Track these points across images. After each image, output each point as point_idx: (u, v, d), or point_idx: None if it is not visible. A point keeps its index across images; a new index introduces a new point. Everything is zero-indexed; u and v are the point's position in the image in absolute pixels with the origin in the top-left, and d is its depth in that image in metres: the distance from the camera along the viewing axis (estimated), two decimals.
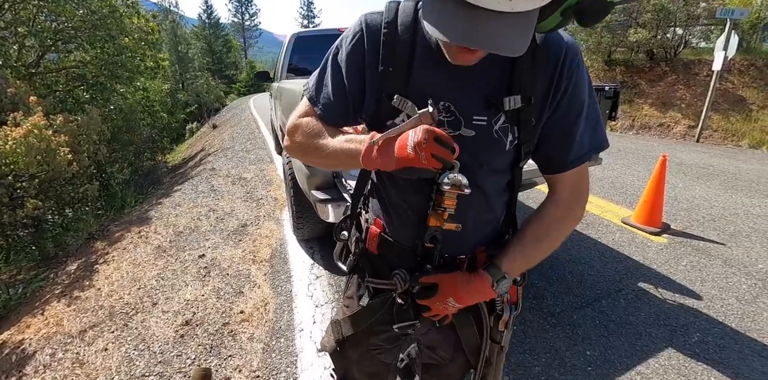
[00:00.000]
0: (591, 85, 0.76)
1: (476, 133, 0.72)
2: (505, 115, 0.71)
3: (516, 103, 0.69)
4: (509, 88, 0.70)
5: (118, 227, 4.77)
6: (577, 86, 0.72)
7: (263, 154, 7.02)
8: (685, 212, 3.60)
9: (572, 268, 2.69)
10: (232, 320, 2.48)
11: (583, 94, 0.73)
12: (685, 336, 2.01)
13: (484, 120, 0.71)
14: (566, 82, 0.71)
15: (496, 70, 0.70)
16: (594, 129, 0.76)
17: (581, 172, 0.78)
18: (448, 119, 0.72)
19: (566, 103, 0.72)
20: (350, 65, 0.78)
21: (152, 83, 14.28)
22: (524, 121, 0.72)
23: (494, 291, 0.76)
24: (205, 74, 26.19)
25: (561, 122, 0.74)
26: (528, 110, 0.71)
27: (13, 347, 2.57)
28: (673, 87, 9.12)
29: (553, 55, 0.70)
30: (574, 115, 0.73)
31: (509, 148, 0.74)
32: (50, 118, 4.84)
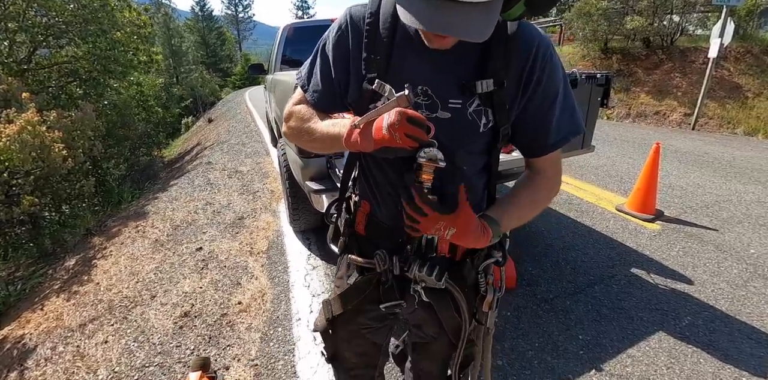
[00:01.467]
0: (565, 74, 0.80)
1: (452, 115, 0.76)
2: (479, 98, 0.75)
3: (488, 86, 0.73)
4: (482, 72, 0.74)
5: (115, 222, 4.78)
6: (551, 77, 0.76)
7: (259, 147, 7.01)
8: (679, 199, 3.62)
9: (566, 255, 2.72)
10: (230, 311, 2.51)
11: (558, 84, 0.78)
12: (676, 320, 2.04)
13: (459, 103, 0.75)
14: (539, 73, 0.75)
15: (471, 56, 0.75)
16: (571, 116, 0.82)
17: (556, 155, 0.86)
18: (425, 102, 0.76)
19: (541, 92, 0.77)
20: (336, 55, 0.83)
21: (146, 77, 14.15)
22: (498, 104, 0.76)
23: (490, 231, 0.79)
24: (199, 68, 25.97)
25: (538, 111, 0.79)
26: (500, 94, 0.75)
27: (14, 342, 2.60)
28: (670, 75, 9.09)
29: (525, 46, 0.74)
30: (548, 104, 0.78)
31: (484, 130, 0.78)
32: (44, 115, 4.81)
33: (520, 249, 2.82)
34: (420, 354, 1.11)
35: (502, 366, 1.78)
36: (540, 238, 2.98)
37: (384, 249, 0.87)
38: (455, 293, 0.87)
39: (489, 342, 0.98)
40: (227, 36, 40.11)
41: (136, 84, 12.15)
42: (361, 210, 0.94)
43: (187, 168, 7.17)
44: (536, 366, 1.78)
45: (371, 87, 0.77)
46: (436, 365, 1.08)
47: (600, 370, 1.73)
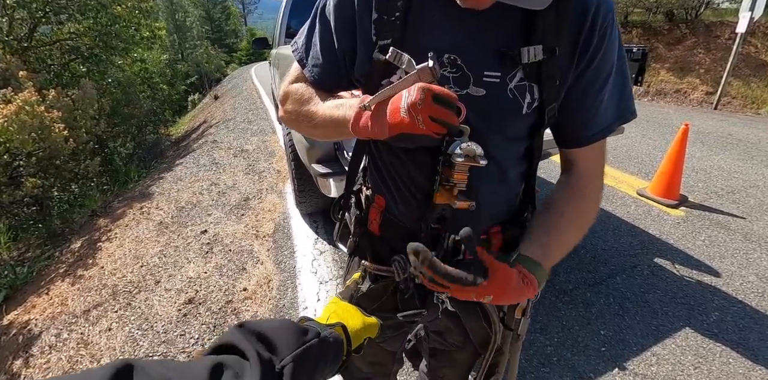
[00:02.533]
0: (622, 46, 0.63)
1: (487, 92, 0.60)
2: (523, 71, 0.59)
3: (537, 54, 0.57)
4: (528, 37, 0.57)
5: (120, 204, 4.73)
6: (611, 46, 0.61)
7: (265, 125, 6.86)
8: (704, 184, 3.44)
9: (585, 242, 2.59)
10: (235, 298, 2.45)
11: (614, 56, 0.62)
12: (703, 316, 1.93)
13: (497, 76, 0.59)
14: (597, 39, 0.59)
15: (514, 16, 0.57)
16: (621, 97, 0.66)
17: (603, 145, 0.69)
18: (453, 75, 0.60)
19: (596, 64, 0.61)
20: (339, 18, 0.66)
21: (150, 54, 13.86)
22: (547, 77, 0.59)
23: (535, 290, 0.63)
24: (204, 43, 25.45)
25: (587, 87, 0.62)
26: (552, 64, 0.58)
27: (19, 327, 2.58)
28: (693, 51, 8.64)
29: (581, 4, 0.58)
30: (602, 80, 0.62)
31: (528, 111, 0.62)
32: (43, 94, 4.68)
33: None
34: (440, 362, 1.00)
35: (520, 363, 1.69)
36: None
37: (403, 254, 0.69)
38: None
39: (517, 350, 0.87)
40: (232, 10, 39.11)
41: (140, 60, 11.89)
42: (374, 206, 0.80)
43: (192, 146, 7.07)
44: (555, 363, 1.69)
45: (384, 57, 0.61)
46: (457, 373, 0.97)
47: (623, 369, 1.64)
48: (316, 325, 0.57)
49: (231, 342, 0.44)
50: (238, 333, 0.45)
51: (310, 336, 0.51)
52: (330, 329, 0.57)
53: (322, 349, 0.52)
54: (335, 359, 0.56)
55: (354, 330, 0.64)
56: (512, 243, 0.72)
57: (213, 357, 0.41)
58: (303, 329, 0.52)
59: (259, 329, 0.47)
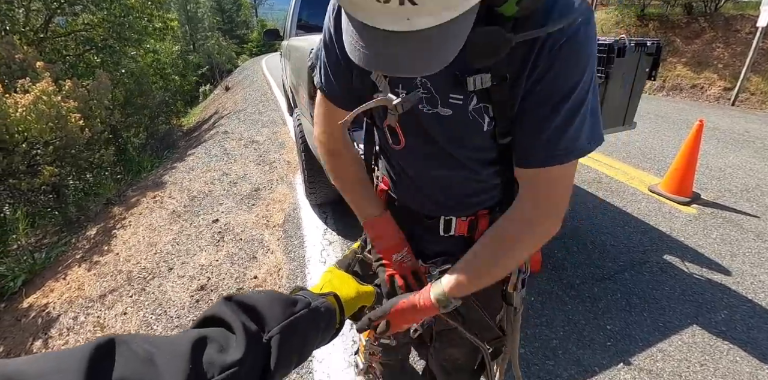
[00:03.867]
0: (593, 72, 0.59)
1: (453, 113, 0.67)
2: (476, 95, 0.63)
3: (484, 82, 0.60)
4: None
5: (134, 192, 4.82)
6: (566, 67, 0.57)
7: (276, 116, 6.89)
8: (717, 181, 3.39)
9: (594, 238, 2.59)
10: (246, 285, 2.49)
11: (572, 81, 0.58)
12: (712, 314, 1.92)
13: (459, 99, 0.65)
14: (547, 61, 0.57)
15: None
16: (589, 127, 0.62)
17: (551, 173, 0.64)
18: (426, 96, 0.68)
19: (543, 89, 0.59)
20: (330, 42, 0.75)
21: (162, 45, 13.93)
22: (498, 102, 0.62)
23: (440, 310, 0.73)
24: (215, 34, 25.45)
25: (535, 111, 0.61)
26: (502, 89, 0.61)
27: (38, 310, 2.66)
28: (711, 45, 8.43)
29: (538, 20, 0.56)
30: (552, 105, 0.59)
31: (489, 128, 0.66)
32: (59, 84, 4.76)
33: None
34: (445, 342, 1.05)
35: (525, 355, 1.72)
36: (567, 218, 2.84)
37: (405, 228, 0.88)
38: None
39: (518, 322, 0.94)
40: (243, 1, 39.02)
41: (152, 51, 11.97)
42: (381, 186, 0.94)
43: (204, 137, 7.14)
44: (560, 356, 1.71)
45: (373, 79, 0.69)
46: (463, 352, 1.02)
47: (628, 364, 1.65)
48: (308, 295, 0.57)
49: (217, 314, 0.44)
50: (224, 306, 0.45)
51: (300, 306, 0.51)
52: (322, 298, 0.57)
53: (313, 319, 0.52)
54: (327, 327, 0.56)
55: (347, 299, 0.65)
56: None
57: (197, 330, 0.41)
58: (292, 300, 0.51)
59: (246, 301, 0.46)
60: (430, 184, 0.82)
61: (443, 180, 0.79)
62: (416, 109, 0.70)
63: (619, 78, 1.88)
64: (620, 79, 1.89)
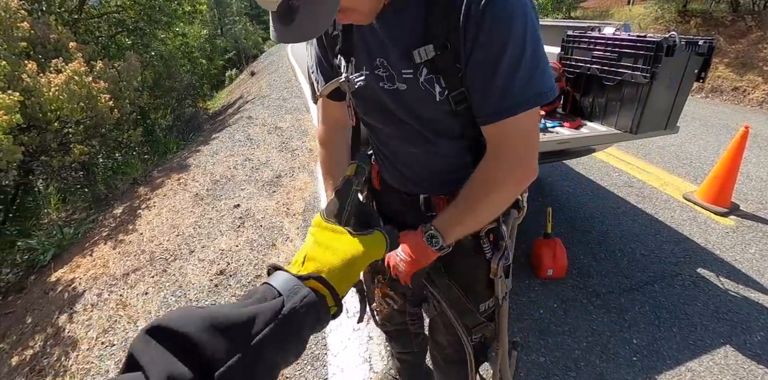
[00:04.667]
0: (526, 29, 0.63)
1: (407, 87, 0.73)
2: (425, 67, 0.69)
3: (428, 53, 0.67)
4: (423, 39, 0.68)
5: (159, 173, 4.90)
6: (493, 24, 0.62)
7: (299, 103, 6.89)
8: (758, 192, 3.21)
9: (623, 245, 2.49)
10: (264, 273, 2.50)
11: (504, 38, 0.63)
12: (747, 334, 1.82)
13: (411, 73, 0.72)
14: (476, 20, 0.62)
15: (414, 21, 0.68)
16: (527, 78, 0.66)
17: (509, 128, 0.69)
18: (385, 74, 0.75)
19: (479, 49, 0.64)
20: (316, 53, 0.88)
21: (191, 28, 14.04)
22: (445, 70, 0.68)
23: (425, 242, 0.80)
24: (243, 19, 25.53)
25: (479, 70, 0.67)
26: (446, 58, 0.67)
27: (65, 285, 2.75)
28: (757, 45, 7.96)
29: None
30: (490, 59, 0.65)
31: (441, 99, 0.72)
32: (90, 65, 4.84)
33: (572, 234, 2.61)
34: (433, 330, 1.17)
35: (545, 364, 1.67)
36: (595, 223, 2.75)
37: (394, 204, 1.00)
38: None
39: (503, 316, 0.97)
40: None
41: (181, 35, 12.09)
42: (374, 167, 1.02)
43: (228, 121, 7.20)
44: (582, 368, 1.65)
45: (335, 61, 0.82)
46: (449, 340, 1.09)
47: None
48: (282, 284, 0.44)
49: (134, 354, 0.33)
50: (142, 344, 0.33)
51: (258, 325, 0.37)
52: (303, 290, 0.44)
53: (287, 331, 0.39)
54: (319, 321, 0.45)
55: (339, 273, 0.50)
56: None
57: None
58: (249, 316, 0.37)
59: (178, 330, 0.33)
60: (403, 161, 0.89)
61: (413, 156, 0.86)
62: (378, 88, 0.77)
63: (665, 78, 1.76)
64: (667, 80, 1.78)
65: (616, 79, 1.95)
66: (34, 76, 3.92)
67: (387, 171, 0.96)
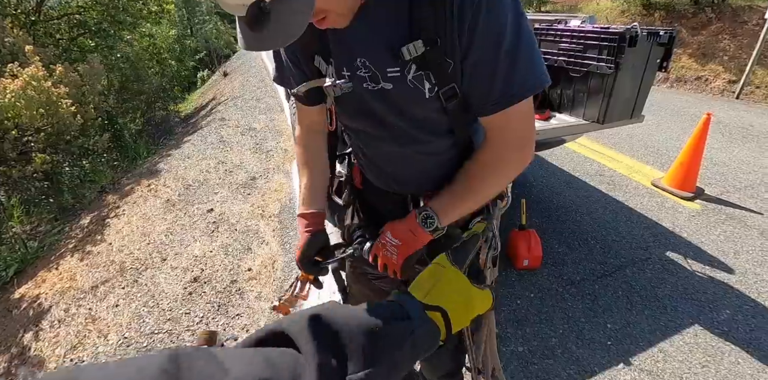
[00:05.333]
0: (517, 18, 0.64)
1: (393, 86, 0.71)
2: (415, 63, 0.67)
3: (417, 49, 0.65)
4: (410, 34, 0.65)
5: (128, 180, 4.74)
6: (488, 21, 0.62)
7: (273, 103, 6.78)
8: (721, 176, 3.34)
9: (595, 233, 2.54)
10: (240, 277, 2.46)
11: (500, 29, 0.63)
12: (714, 313, 1.89)
13: (397, 71, 0.69)
14: (471, 17, 0.62)
15: (401, 16, 0.66)
16: (526, 68, 0.66)
17: (516, 118, 0.71)
18: (368, 74, 0.71)
19: (477, 38, 0.64)
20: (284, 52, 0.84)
21: (158, 29, 13.63)
22: (435, 65, 0.66)
23: (418, 224, 0.77)
24: (213, 18, 24.93)
25: (478, 62, 0.66)
26: (436, 53, 0.65)
27: (30, 301, 2.62)
28: (717, 36, 8.27)
29: None
30: (488, 52, 0.65)
31: (431, 96, 0.71)
32: (50, 69, 4.63)
33: (546, 224, 2.65)
34: None
35: (523, 353, 1.69)
36: (567, 212, 2.80)
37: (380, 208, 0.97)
38: None
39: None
40: None
41: (148, 36, 11.74)
42: (356, 167, 1.00)
43: (201, 124, 7.03)
44: (560, 355, 1.68)
45: (314, 63, 0.78)
46: None
47: (629, 364, 1.62)
48: (411, 307, 0.49)
49: (292, 334, 0.38)
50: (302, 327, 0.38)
51: (394, 337, 0.42)
52: (427, 318, 0.49)
53: (410, 352, 0.44)
54: (428, 349, 0.49)
55: (457, 316, 0.52)
56: None
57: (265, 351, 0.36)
58: (386, 329, 0.43)
59: (332, 325, 0.40)
60: (387, 161, 0.87)
61: (399, 156, 0.84)
62: (361, 89, 0.74)
63: (629, 69, 1.80)
64: (630, 70, 1.82)
65: (582, 71, 1.98)
66: None
67: (371, 172, 0.93)
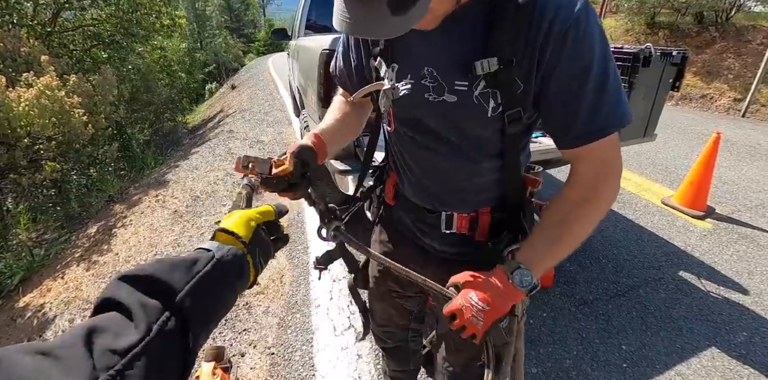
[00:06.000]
0: (605, 47, 0.64)
1: (458, 99, 0.70)
2: (484, 80, 0.66)
3: (491, 66, 0.64)
4: (484, 50, 0.65)
5: (136, 190, 4.76)
6: (578, 46, 0.62)
7: (281, 116, 6.85)
8: (732, 195, 3.32)
9: (607, 252, 2.52)
10: (247, 292, 2.43)
11: (589, 60, 0.62)
12: (730, 335, 1.85)
13: (465, 85, 0.69)
14: (557, 41, 0.62)
15: (477, 31, 0.66)
16: (614, 102, 0.65)
17: (604, 148, 0.68)
18: (432, 84, 0.72)
19: (563, 67, 0.63)
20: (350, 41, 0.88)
21: (169, 42, 13.91)
22: (505, 85, 0.66)
23: (513, 285, 0.67)
24: (223, 33, 25.47)
25: (562, 92, 0.66)
26: (509, 73, 0.64)
27: (34, 311, 2.60)
28: (721, 55, 8.36)
29: (541, 13, 0.61)
30: (576, 84, 0.64)
31: (493, 115, 0.69)
32: (64, 79, 4.71)
33: None
34: (447, 348, 1.03)
35: (537, 375, 1.65)
36: None
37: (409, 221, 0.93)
38: None
39: (521, 331, 0.91)
40: (251, 0, 39.12)
41: (159, 48, 11.96)
42: (389, 180, 0.96)
43: (209, 136, 7.10)
44: (574, 377, 1.64)
45: (374, 63, 0.79)
46: (459, 362, 0.98)
47: None
48: (210, 245, 0.53)
49: (112, 297, 0.40)
50: (116, 286, 0.41)
51: (201, 264, 0.47)
52: (227, 246, 0.53)
53: (221, 274, 0.49)
54: (240, 275, 0.53)
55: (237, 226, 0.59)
56: (499, 224, 0.84)
57: (85, 322, 0.38)
58: (192, 259, 0.48)
59: (141, 274, 0.43)
60: (432, 176, 0.84)
61: (442, 172, 0.82)
62: (421, 99, 0.73)
63: (642, 88, 1.82)
64: (644, 89, 1.84)
65: None
66: (4, 91, 3.79)
67: (408, 183, 0.90)
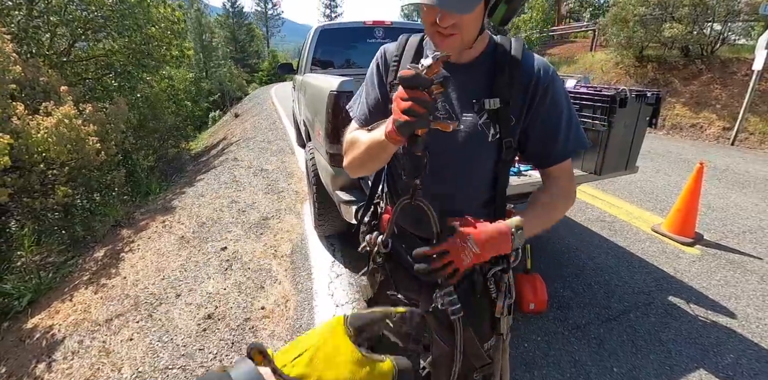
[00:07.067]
0: (567, 96, 0.93)
1: (464, 126, 0.90)
2: (487, 113, 0.89)
3: (495, 104, 0.87)
4: (490, 92, 0.89)
5: (143, 215, 4.88)
6: (556, 93, 0.90)
7: (284, 146, 7.05)
8: (720, 222, 3.45)
9: (599, 277, 2.62)
10: (253, 316, 2.51)
11: (562, 101, 0.91)
12: (718, 357, 1.93)
13: (471, 115, 0.90)
14: (542, 90, 0.88)
15: (481, 78, 0.90)
16: (577, 131, 0.94)
17: (569, 163, 0.98)
18: (443, 116, 0.91)
19: (547, 106, 0.90)
20: (373, 81, 1.02)
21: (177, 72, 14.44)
22: (503, 119, 0.89)
23: (511, 240, 0.81)
24: (228, 63, 26.38)
25: (546, 123, 0.91)
26: (506, 111, 0.88)
27: (43, 332, 2.66)
28: (708, 86, 8.72)
29: (529, 67, 0.89)
30: (555, 117, 0.91)
31: (492, 140, 0.90)
32: (79, 108, 4.94)
33: (550, 268, 2.73)
34: (439, 369, 1.09)
35: None
36: (571, 257, 2.88)
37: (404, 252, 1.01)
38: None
39: (506, 351, 1.03)
40: (256, 32, 40.67)
41: (167, 78, 12.40)
42: (385, 215, 1.05)
43: (213, 163, 7.28)
44: None
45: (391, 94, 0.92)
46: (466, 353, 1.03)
47: None
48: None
49: None
50: None
51: None
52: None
53: None
54: None
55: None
56: None
57: None
58: None
59: None
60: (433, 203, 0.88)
61: (447, 199, 0.94)
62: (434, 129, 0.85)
63: (621, 126, 1.99)
64: (622, 128, 2.01)
65: None
66: (24, 118, 3.99)
67: (406, 215, 0.96)
